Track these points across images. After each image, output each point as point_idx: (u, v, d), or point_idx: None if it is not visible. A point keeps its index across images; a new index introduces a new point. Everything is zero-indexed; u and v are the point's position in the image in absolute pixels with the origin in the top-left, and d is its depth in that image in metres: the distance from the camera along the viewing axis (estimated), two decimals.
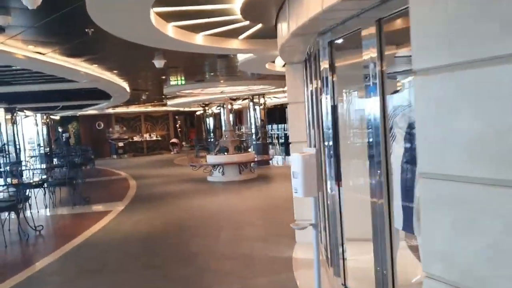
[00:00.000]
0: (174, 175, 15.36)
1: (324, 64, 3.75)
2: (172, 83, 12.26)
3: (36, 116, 21.22)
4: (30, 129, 21.64)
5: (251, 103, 17.63)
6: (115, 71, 10.17)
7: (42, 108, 18.82)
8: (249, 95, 17.48)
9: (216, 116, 29.14)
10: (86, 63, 8.63)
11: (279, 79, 13.54)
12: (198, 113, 29.53)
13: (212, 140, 25.59)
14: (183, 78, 12.02)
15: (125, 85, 12.76)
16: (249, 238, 6.54)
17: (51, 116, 22.97)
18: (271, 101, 19.85)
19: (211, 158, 13.44)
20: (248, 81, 13.86)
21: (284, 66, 7.48)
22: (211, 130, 27.92)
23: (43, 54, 7.14)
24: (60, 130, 23.59)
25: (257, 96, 17.51)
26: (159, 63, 8.34)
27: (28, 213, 8.10)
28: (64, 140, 23.30)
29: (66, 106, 18.71)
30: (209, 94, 17.93)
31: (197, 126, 31.77)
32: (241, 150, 14.16)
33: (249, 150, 15.81)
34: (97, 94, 14.53)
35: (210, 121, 28.27)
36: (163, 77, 12.01)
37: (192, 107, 27.84)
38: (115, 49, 8.03)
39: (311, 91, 5.79)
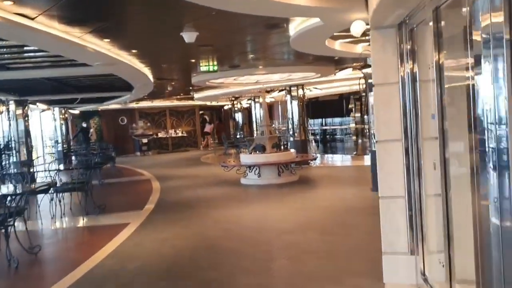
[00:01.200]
0: (202, 176, 13.71)
1: (494, 17, 2.06)
2: (202, 68, 10.40)
3: (53, 110, 19.72)
4: (49, 124, 20.34)
5: (288, 96, 15.72)
6: (133, 51, 8.25)
7: (59, 101, 17.25)
8: (287, 86, 15.57)
9: (245, 111, 27.40)
10: (94, 37, 6.65)
11: (329, 64, 11.60)
12: (226, 107, 27.83)
13: (241, 136, 23.94)
14: (215, 62, 10.13)
15: (147, 71, 10.95)
16: (314, 277, 4.66)
17: (70, 111, 21.42)
18: (310, 92, 17.87)
19: (246, 158, 11.74)
20: (292, 66, 11.87)
21: (363, 35, 5.58)
22: (240, 126, 26.25)
23: (32, 18, 5.18)
24: (84, 125, 22.16)
25: (295, 88, 15.58)
26: (189, 36, 6.38)
27: (26, 227, 6.48)
28: (89, 135, 21.89)
29: (85, 100, 17.13)
30: (242, 85, 16.08)
31: (224, 122, 30.29)
32: (280, 148, 12.33)
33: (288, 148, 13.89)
34: (118, 85, 12.98)
35: (239, 117, 26.53)
36: (192, 60, 10.11)
37: (220, 101, 26.13)
38: (131, 13, 6.11)
39: (411, 71, 4.00)
